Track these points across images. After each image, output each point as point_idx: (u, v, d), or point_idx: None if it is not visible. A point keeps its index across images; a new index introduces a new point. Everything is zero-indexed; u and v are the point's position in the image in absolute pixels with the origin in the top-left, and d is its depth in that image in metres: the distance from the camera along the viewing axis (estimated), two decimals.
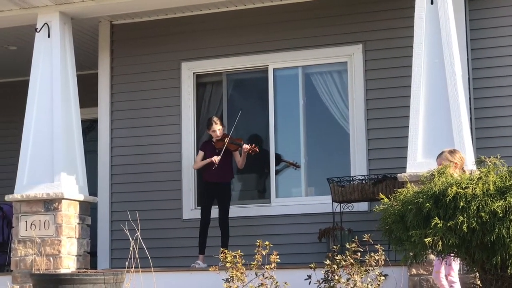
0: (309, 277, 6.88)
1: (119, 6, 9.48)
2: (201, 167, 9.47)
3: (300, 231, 9.49)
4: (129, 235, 7.14)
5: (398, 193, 5.77)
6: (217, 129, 9.33)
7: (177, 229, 10.01)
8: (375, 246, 6.79)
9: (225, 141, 9.29)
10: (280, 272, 7.19)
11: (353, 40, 9.62)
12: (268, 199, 9.86)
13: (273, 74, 9.98)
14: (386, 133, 9.35)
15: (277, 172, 9.87)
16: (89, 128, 12.00)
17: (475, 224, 5.21)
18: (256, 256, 6.97)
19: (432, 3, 8.11)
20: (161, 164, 10.18)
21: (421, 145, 7.87)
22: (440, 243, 5.28)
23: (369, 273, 6.80)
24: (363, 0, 9.66)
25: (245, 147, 9.30)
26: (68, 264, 8.89)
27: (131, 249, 6.93)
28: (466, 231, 5.22)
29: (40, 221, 8.90)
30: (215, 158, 9.18)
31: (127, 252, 7.03)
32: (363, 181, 8.89)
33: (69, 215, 8.98)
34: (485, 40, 9.22)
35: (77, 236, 9.06)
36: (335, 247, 7.11)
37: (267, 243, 7.00)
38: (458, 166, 6.77)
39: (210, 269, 7.31)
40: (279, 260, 7.01)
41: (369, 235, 6.93)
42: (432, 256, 6.44)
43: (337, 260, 6.76)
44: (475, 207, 5.23)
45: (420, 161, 7.80)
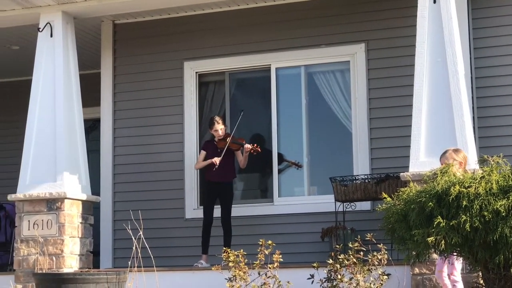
0: (312, 276, 6.89)
1: (122, 6, 9.48)
2: (203, 167, 9.47)
3: (303, 231, 9.48)
4: (131, 235, 7.14)
5: (400, 192, 5.77)
6: (219, 128, 9.31)
7: (179, 229, 10.01)
8: (378, 245, 6.79)
9: (227, 140, 9.28)
10: (283, 271, 7.19)
11: (355, 39, 9.61)
12: (270, 198, 9.85)
13: (276, 73, 9.97)
14: (388, 132, 9.34)
15: (279, 171, 9.86)
16: (91, 127, 12.00)
17: (478, 223, 5.20)
18: (258, 255, 6.97)
19: (434, 2, 8.09)
20: (164, 163, 10.18)
21: (423, 144, 7.86)
22: (443, 242, 5.27)
23: (371, 272, 6.80)
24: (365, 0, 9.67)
25: (247, 146, 9.28)
26: (71, 264, 8.89)
27: (133, 248, 6.92)
28: (469, 230, 5.21)
29: (42, 220, 8.90)
30: (216, 160, 9.16)
31: (130, 251, 7.03)
32: (366, 180, 8.88)
33: (72, 214, 8.98)
34: (487, 39, 9.20)
35: (79, 236, 9.06)
36: (337, 246, 7.11)
37: (269, 242, 7.01)
38: (462, 165, 6.76)
39: (213, 269, 7.32)
40: (281, 259, 7.01)
41: (371, 234, 6.94)
42: (435, 255, 6.43)
43: (340, 260, 6.76)
44: (478, 206, 5.23)
45: (422, 160, 7.79)
